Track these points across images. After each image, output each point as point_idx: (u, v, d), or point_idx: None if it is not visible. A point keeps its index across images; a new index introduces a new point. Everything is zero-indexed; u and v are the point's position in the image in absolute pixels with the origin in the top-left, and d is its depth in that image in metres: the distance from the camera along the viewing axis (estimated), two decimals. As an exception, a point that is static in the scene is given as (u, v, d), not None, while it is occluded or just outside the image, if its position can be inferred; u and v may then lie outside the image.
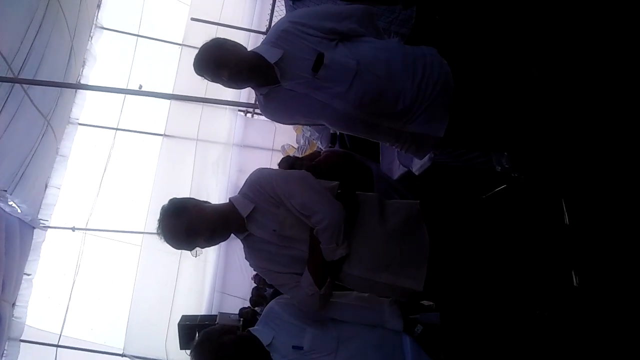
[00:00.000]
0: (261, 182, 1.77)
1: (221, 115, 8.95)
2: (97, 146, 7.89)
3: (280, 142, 8.67)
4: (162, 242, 1.74)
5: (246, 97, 7.27)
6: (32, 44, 4.66)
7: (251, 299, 6.74)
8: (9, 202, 5.26)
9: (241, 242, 1.87)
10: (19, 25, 4.42)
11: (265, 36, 2.34)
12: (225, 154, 8.98)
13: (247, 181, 1.82)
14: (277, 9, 6.46)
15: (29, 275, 6.19)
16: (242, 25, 7.71)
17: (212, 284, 8.61)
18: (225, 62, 1.78)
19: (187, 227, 1.69)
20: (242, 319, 6.35)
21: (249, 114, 9.39)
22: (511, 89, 1.80)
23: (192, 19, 6.86)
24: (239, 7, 8.42)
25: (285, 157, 3.45)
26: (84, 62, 6.85)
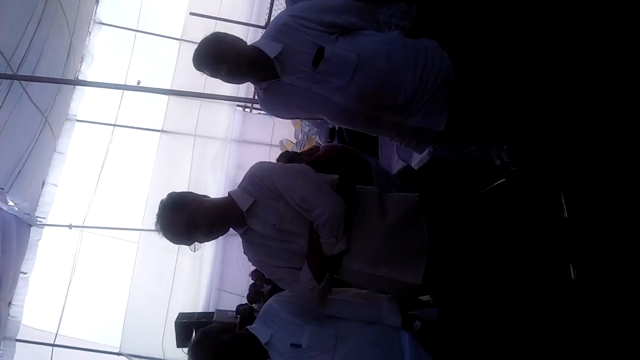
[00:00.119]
0: (261, 175, 1.77)
1: (219, 110, 8.91)
2: (95, 143, 7.87)
3: (278, 137, 8.62)
4: (161, 236, 1.73)
5: (244, 92, 7.25)
6: (31, 41, 4.64)
7: (248, 295, 6.72)
8: (6, 200, 5.24)
9: (240, 237, 1.86)
10: (18, 21, 4.41)
11: (264, 30, 2.33)
12: (223, 150, 8.94)
13: (246, 175, 1.81)
14: (276, 2, 6.44)
15: (25, 273, 6.15)
16: (241, 19, 7.69)
17: (209, 281, 8.58)
18: (224, 57, 1.77)
19: (186, 221, 1.68)
20: (239, 316, 6.33)
21: (247, 109, 9.36)
22: (512, 82, 1.80)
23: (191, 14, 6.84)
24: (238, 1, 8.37)
25: (283, 152, 3.44)
26: (82, 58, 6.81)
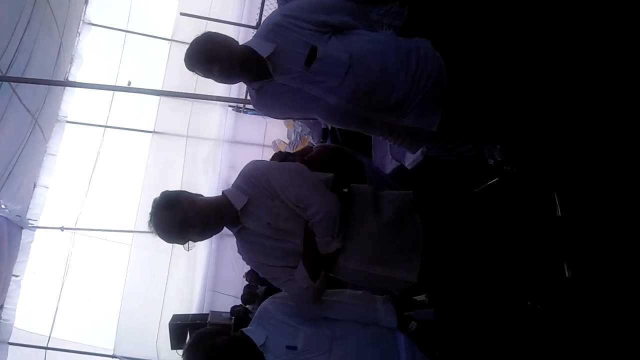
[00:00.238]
0: (256, 174, 1.76)
1: (211, 111, 8.88)
2: (86, 144, 7.82)
3: (271, 138, 8.58)
4: (154, 235, 1.71)
5: (236, 93, 7.23)
6: (20, 41, 4.61)
7: (243, 296, 6.71)
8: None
9: (234, 236, 1.85)
10: (7, 22, 4.37)
11: (255, 31, 2.32)
12: (215, 151, 8.91)
13: (241, 173, 1.80)
14: (267, 2, 6.41)
15: (17, 276, 6.10)
16: (232, 19, 7.66)
17: (203, 283, 8.55)
18: (216, 57, 1.76)
19: (179, 220, 1.67)
20: (233, 317, 6.31)
21: (240, 110, 9.34)
22: (504, 81, 1.80)
23: (182, 14, 6.78)
24: (229, 1, 8.35)
25: (276, 152, 3.43)
26: (72, 59, 6.77)
